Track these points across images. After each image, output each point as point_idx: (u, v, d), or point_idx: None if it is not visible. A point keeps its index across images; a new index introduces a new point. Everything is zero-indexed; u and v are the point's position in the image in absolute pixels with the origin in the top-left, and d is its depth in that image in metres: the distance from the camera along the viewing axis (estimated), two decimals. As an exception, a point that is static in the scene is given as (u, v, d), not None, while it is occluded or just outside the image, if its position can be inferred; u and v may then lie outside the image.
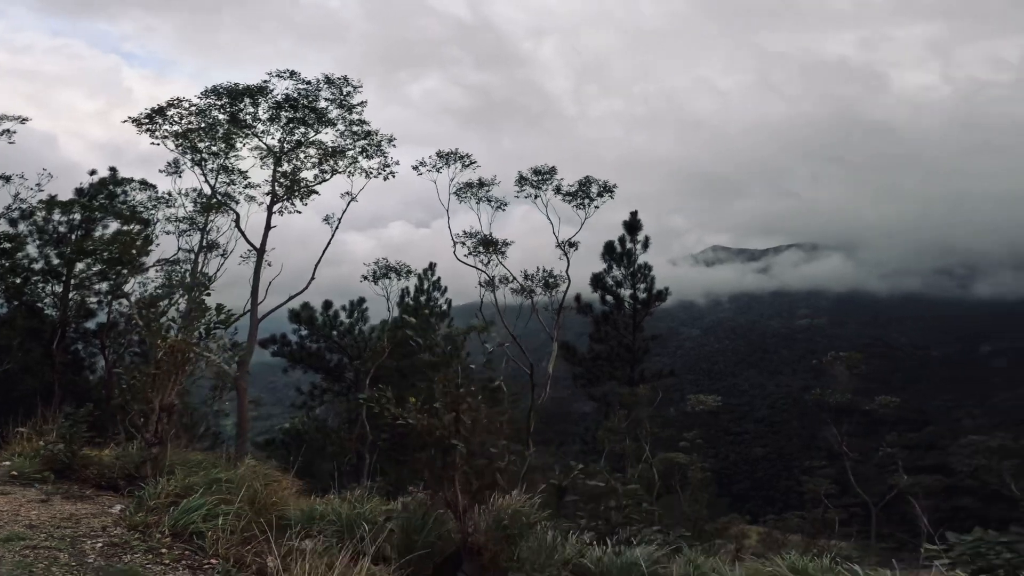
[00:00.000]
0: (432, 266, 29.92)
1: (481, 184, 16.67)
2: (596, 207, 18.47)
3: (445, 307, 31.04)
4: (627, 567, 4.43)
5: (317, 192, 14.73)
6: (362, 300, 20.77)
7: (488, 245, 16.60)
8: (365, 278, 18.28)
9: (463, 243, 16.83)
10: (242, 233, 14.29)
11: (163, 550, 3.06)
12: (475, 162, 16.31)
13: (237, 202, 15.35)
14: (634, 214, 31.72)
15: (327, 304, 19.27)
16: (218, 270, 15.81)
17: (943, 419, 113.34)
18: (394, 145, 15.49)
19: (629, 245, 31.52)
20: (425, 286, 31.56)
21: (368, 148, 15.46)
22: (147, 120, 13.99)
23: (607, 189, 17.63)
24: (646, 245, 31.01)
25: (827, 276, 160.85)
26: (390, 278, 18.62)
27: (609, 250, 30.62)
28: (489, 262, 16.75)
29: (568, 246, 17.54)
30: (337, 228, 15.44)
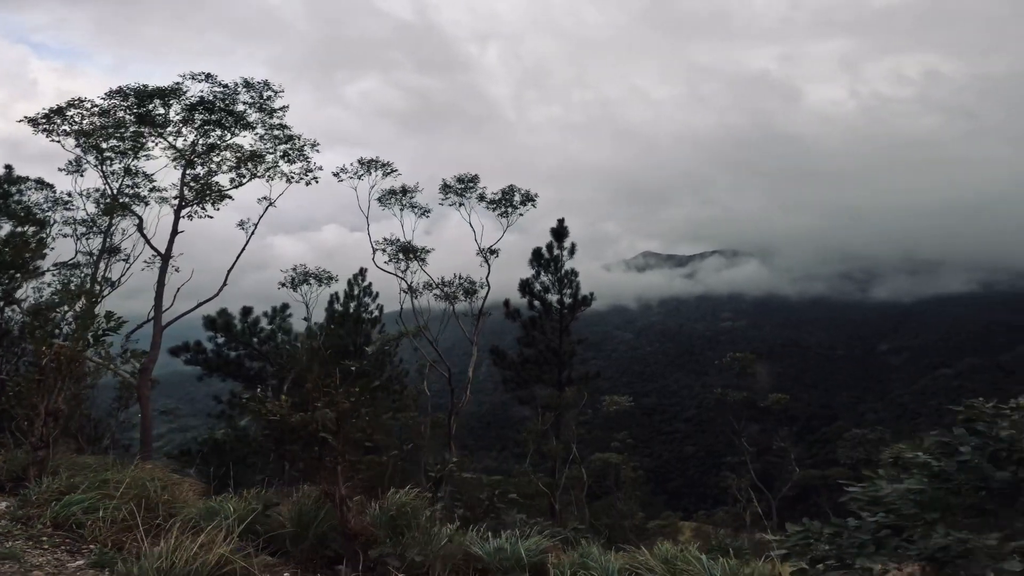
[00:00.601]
0: (363, 271, 29.61)
1: (404, 191, 16.95)
2: (520, 215, 19.10)
3: (376, 313, 30.89)
4: (499, 552, 4.85)
5: (230, 197, 14.47)
6: (285, 306, 20.44)
7: (407, 252, 16.84)
8: (283, 285, 18.08)
9: (383, 250, 17.02)
10: (145, 238, 13.78)
11: (43, 538, 3.21)
12: (396, 170, 16.61)
13: (147, 203, 14.76)
14: (561, 221, 32.81)
15: (246, 310, 18.82)
16: (122, 275, 15.13)
17: (849, 413, 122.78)
18: (318, 150, 15.42)
19: (556, 251, 32.60)
20: (355, 291, 31.29)
21: (290, 152, 15.34)
22: (44, 120, 13.27)
23: (529, 198, 18.35)
24: (572, 251, 32.17)
25: (746, 281, 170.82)
26: (310, 284, 18.42)
27: (537, 256, 31.51)
28: (407, 269, 17.02)
29: (489, 253, 18.11)
30: (253, 234, 15.23)
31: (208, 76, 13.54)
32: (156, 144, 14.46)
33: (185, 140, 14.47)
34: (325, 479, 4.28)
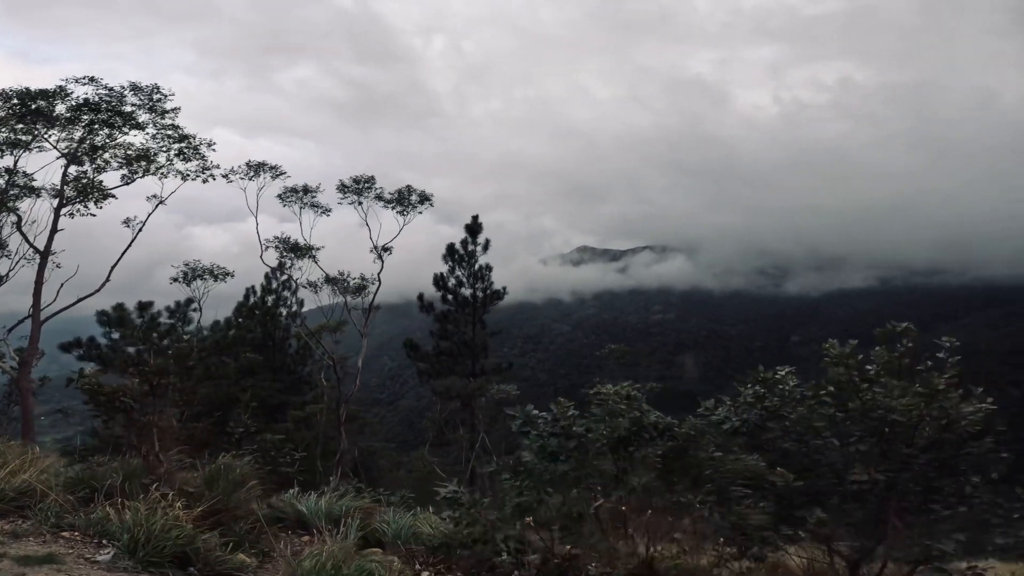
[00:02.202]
0: (281, 265, 29.73)
1: (306, 191, 17.73)
2: (420, 212, 20.19)
3: (296, 307, 31.01)
4: (291, 507, 6.07)
5: (114, 196, 14.76)
6: (190, 300, 20.60)
7: (297, 250, 17.62)
8: (175, 280, 18.32)
9: (275, 247, 17.71)
10: (23, 235, 13.89)
11: None
12: (285, 173, 17.35)
13: (39, 195, 14.72)
14: (475, 218, 34.11)
15: (144, 305, 18.88)
16: (10, 271, 15.05)
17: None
18: (214, 149, 15.96)
19: (471, 247, 33.97)
20: (273, 285, 31.34)
21: (186, 151, 15.75)
22: (-90, 115, 13.09)
23: (425, 197, 19.51)
24: (486, 247, 33.54)
25: (674, 275, 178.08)
26: (204, 279, 18.77)
27: (451, 252, 32.78)
28: (291, 266, 17.76)
29: (383, 250, 19.13)
30: (140, 231, 15.51)
31: (92, 79, 13.83)
32: (41, 143, 14.54)
33: (72, 138, 14.62)
34: (139, 438, 5.28)
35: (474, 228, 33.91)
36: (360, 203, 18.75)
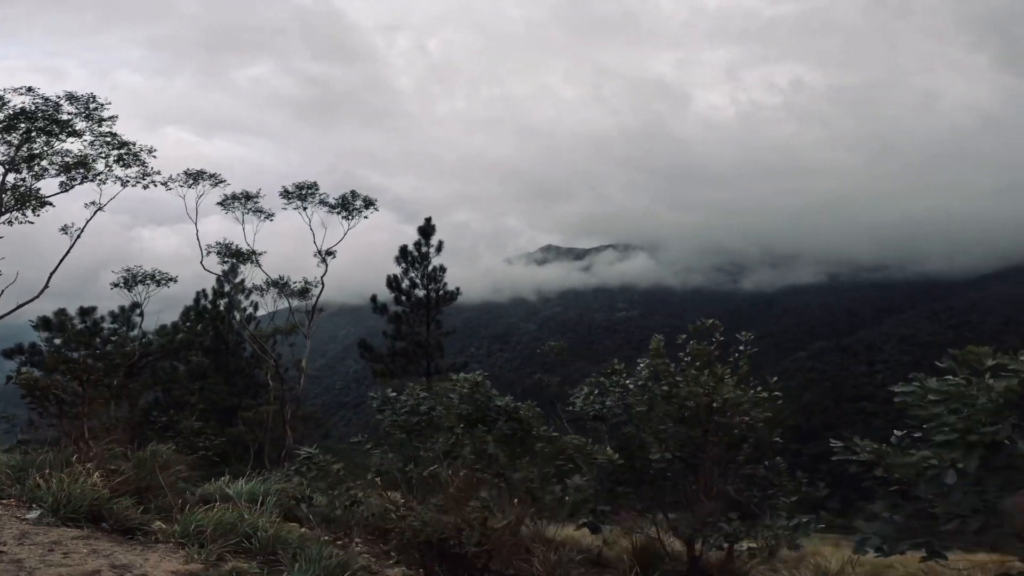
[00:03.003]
0: (234, 268, 29.82)
1: (247, 197, 18.20)
2: (365, 217, 20.87)
3: (251, 310, 31.11)
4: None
5: (51, 204, 15.04)
6: (135, 305, 20.75)
7: (239, 255, 18.13)
8: (115, 285, 18.56)
9: (216, 252, 18.15)
10: (-45, 244, 14.08)
11: None
12: (224, 180, 17.83)
13: None
14: (428, 220, 34.77)
15: (86, 310, 18.99)
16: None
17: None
18: (154, 156, 16.38)
19: (424, 249, 34.74)
20: (226, 288, 31.36)
21: (125, 157, 16.10)
22: None
23: (370, 202, 20.23)
24: (440, 249, 34.40)
25: (636, 273, 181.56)
26: (146, 284, 19.02)
27: (404, 254, 33.54)
28: (234, 270, 18.19)
29: (327, 254, 19.80)
30: (79, 238, 15.80)
31: (29, 89, 14.13)
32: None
33: (11, 143, 14.84)
34: (71, 428, 5.95)
35: (427, 230, 34.64)
36: (304, 208, 19.36)
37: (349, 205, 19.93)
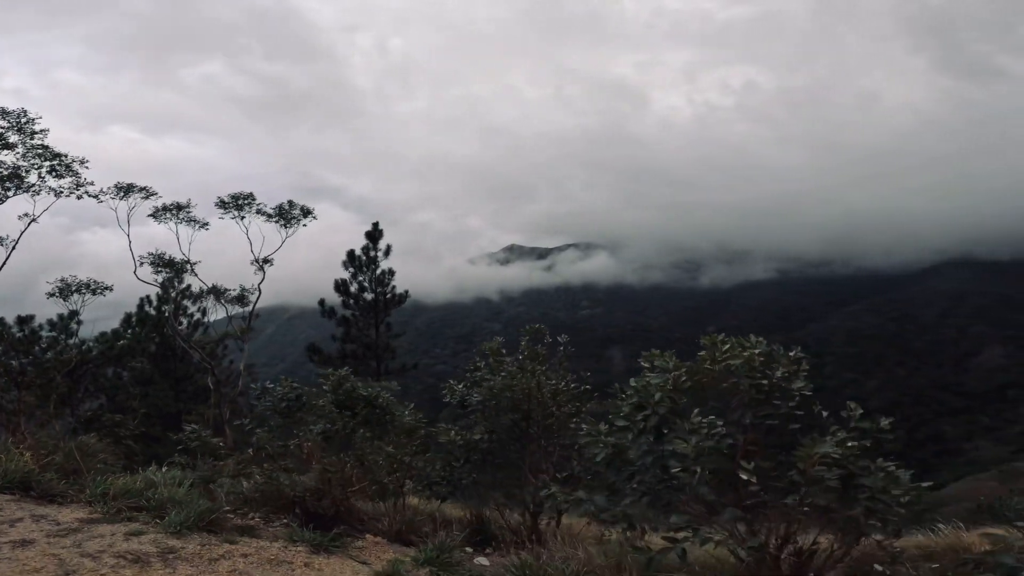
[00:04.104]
0: (179, 274, 30.25)
1: (179, 207, 19.03)
2: (304, 225, 21.92)
3: (199, 315, 31.62)
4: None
5: (-20, 216, 15.65)
6: (74, 313, 21.27)
7: (172, 265, 18.98)
8: (51, 295, 19.08)
9: (150, 263, 18.94)
10: None
11: None
12: (156, 193, 18.64)
13: None
14: (375, 225, 35.75)
15: (24, 319, 19.42)
16: None
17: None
18: (87, 166, 17.12)
19: (373, 253, 35.81)
20: (172, 294, 31.77)
21: (58, 168, 16.81)
22: None
23: (307, 211, 21.29)
24: (388, 253, 35.61)
25: (598, 271, 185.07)
26: (82, 293, 19.62)
27: (351, 258, 34.57)
28: (176, 275, 19.00)
29: (264, 262, 20.81)
30: (14, 249, 16.36)
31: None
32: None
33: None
34: (7, 421, 7.04)
35: (374, 234, 35.65)
36: (242, 218, 20.30)
37: (287, 214, 20.95)
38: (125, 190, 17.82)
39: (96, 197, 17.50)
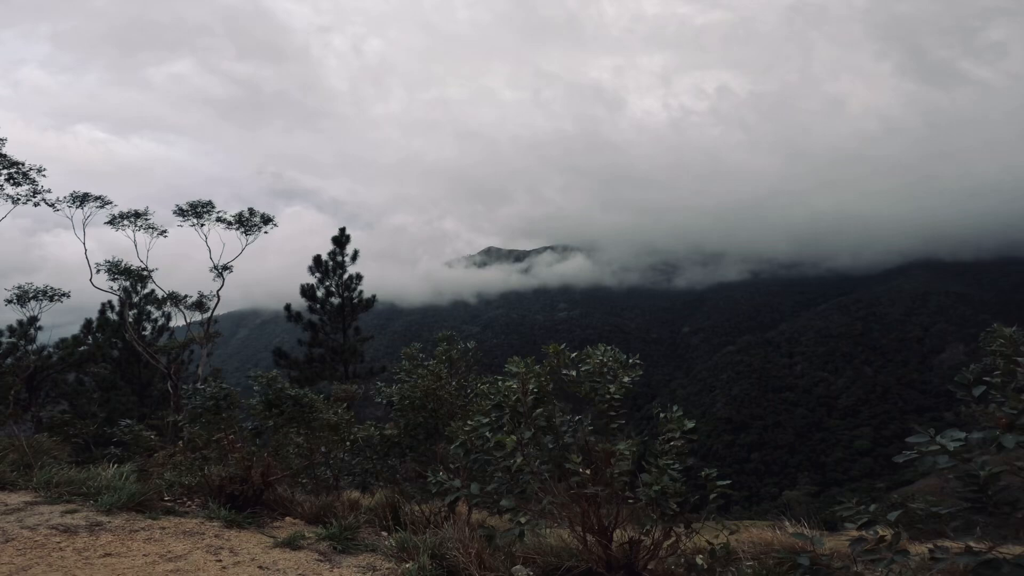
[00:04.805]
0: (143, 279, 30.23)
1: (137, 215, 19.28)
2: (266, 232, 22.31)
3: (163, 320, 31.62)
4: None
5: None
6: (34, 319, 21.35)
7: (128, 273, 19.24)
8: (8, 302, 19.21)
9: (106, 270, 19.16)
10: None
11: None
12: (111, 202, 18.91)
13: None
14: (343, 230, 36.21)
15: (-20, 325, 19.55)
16: None
17: (664, 390, 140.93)
18: (44, 175, 17.37)
19: (340, 258, 36.17)
20: (135, 299, 31.73)
21: (15, 176, 17.03)
22: None
23: (267, 219, 21.65)
24: (355, 258, 35.96)
25: (575, 274, 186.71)
26: (40, 300, 19.76)
27: (317, 263, 34.90)
28: (119, 286, 19.25)
29: (223, 269, 21.14)
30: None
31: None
32: None
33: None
34: None
35: (341, 240, 36.08)
36: (202, 225, 20.61)
37: (247, 222, 21.31)
38: (81, 199, 18.05)
39: (52, 206, 17.74)
